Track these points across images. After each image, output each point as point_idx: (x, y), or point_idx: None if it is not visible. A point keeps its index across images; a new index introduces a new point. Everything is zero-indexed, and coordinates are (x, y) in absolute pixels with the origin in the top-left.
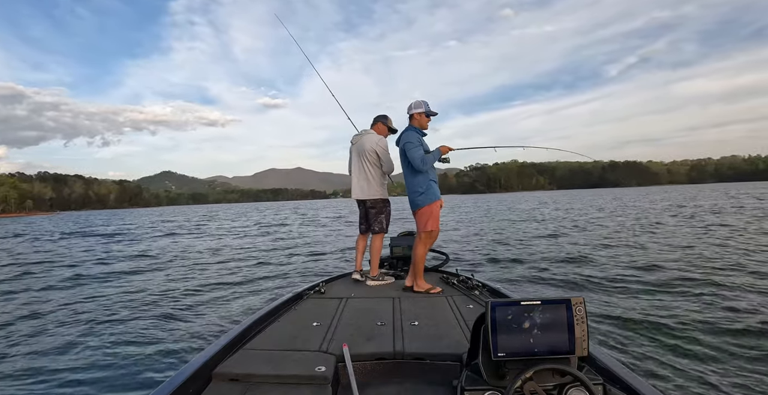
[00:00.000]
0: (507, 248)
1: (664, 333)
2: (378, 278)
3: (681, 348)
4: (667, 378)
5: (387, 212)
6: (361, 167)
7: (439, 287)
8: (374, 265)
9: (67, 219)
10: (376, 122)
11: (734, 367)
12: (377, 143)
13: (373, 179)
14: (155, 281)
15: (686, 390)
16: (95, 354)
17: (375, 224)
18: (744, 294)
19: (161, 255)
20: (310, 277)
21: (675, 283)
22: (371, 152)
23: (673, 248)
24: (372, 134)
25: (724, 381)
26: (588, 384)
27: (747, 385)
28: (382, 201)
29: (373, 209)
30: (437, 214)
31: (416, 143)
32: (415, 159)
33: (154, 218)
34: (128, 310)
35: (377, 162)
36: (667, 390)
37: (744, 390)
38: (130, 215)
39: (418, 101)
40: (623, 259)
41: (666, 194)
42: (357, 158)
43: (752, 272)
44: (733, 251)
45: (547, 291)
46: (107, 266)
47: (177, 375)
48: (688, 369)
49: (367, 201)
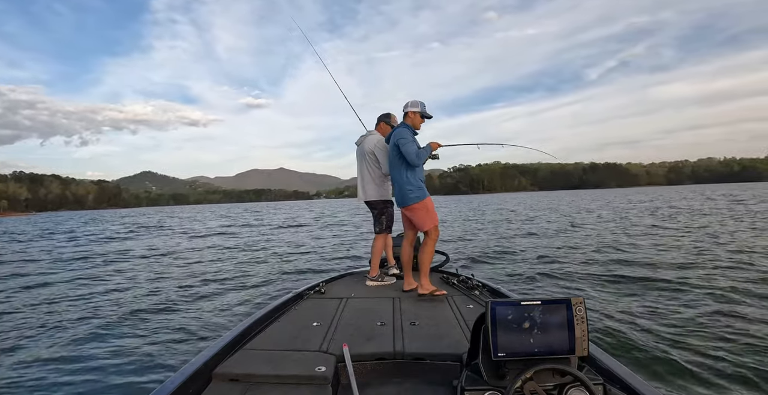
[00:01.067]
0: (506, 249)
1: (665, 333)
2: (377, 279)
3: (681, 348)
4: (668, 378)
5: (389, 213)
6: (364, 168)
7: (443, 290)
8: (374, 265)
9: (46, 220)
10: (379, 122)
11: (735, 367)
12: (375, 145)
13: (374, 181)
14: (154, 281)
15: (686, 390)
16: (95, 354)
17: (375, 224)
18: (744, 294)
19: (158, 256)
20: (310, 277)
21: (675, 283)
22: (370, 154)
23: (672, 248)
24: (374, 134)
25: (725, 381)
26: (588, 384)
27: (747, 385)
28: (382, 202)
29: (374, 210)
30: (433, 208)
31: (410, 139)
32: (410, 154)
33: (143, 219)
34: (128, 310)
35: (377, 163)
36: (667, 390)
37: (744, 390)
38: (112, 217)
39: (414, 101)
40: (623, 259)
41: (645, 195)
42: (360, 159)
43: (754, 273)
44: (733, 251)
45: (547, 291)
46: (107, 267)
47: (177, 375)
48: (688, 369)
49: (369, 203)
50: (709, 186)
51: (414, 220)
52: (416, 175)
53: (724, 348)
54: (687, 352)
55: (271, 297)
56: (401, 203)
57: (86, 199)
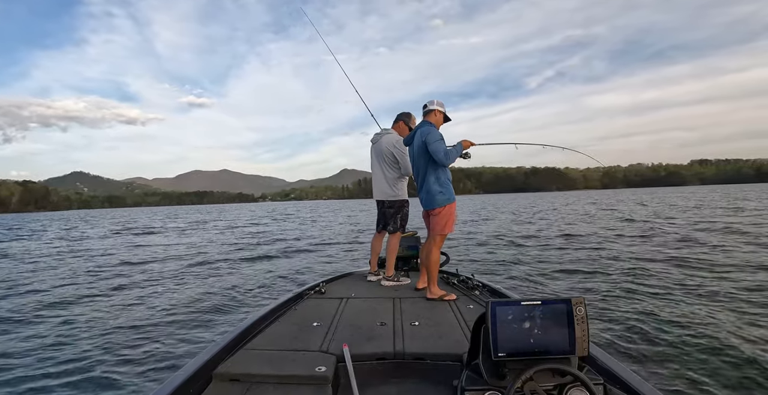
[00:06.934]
0: (506, 249)
1: (665, 333)
2: (393, 279)
3: (682, 348)
4: (668, 378)
5: (404, 213)
6: (380, 168)
7: (453, 294)
8: (389, 265)
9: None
10: (398, 120)
11: (735, 367)
12: (394, 145)
13: (391, 181)
14: (153, 282)
15: (686, 391)
16: (95, 354)
17: (390, 223)
18: (744, 294)
19: (155, 257)
20: (310, 277)
21: (675, 283)
22: (388, 154)
23: (671, 249)
24: (392, 134)
25: (725, 381)
26: (588, 384)
27: (748, 385)
28: (400, 202)
29: (390, 209)
30: (455, 216)
31: (438, 137)
32: (438, 152)
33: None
34: (128, 311)
35: (394, 164)
36: (667, 390)
37: (744, 390)
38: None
39: (439, 101)
40: (623, 259)
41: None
42: (376, 158)
43: (756, 273)
44: (734, 252)
45: (548, 291)
46: (106, 268)
47: (177, 375)
48: (688, 370)
49: (385, 202)
50: (642, 190)
51: (433, 222)
52: (445, 175)
53: (726, 347)
54: (688, 352)
55: (271, 297)
56: (427, 205)
57: (9, 201)
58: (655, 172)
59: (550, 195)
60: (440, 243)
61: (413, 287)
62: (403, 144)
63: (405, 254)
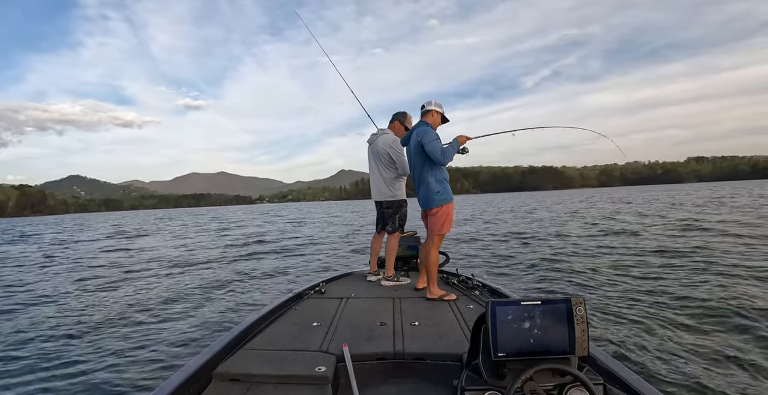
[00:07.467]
0: (506, 249)
1: (665, 333)
2: (392, 279)
3: (682, 347)
4: (668, 378)
5: (402, 213)
6: (377, 168)
7: (453, 294)
8: (389, 265)
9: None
10: (393, 120)
11: (735, 367)
12: (390, 145)
13: (389, 181)
14: (152, 282)
15: (687, 391)
16: (96, 354)
17: (389, 223)
18: (746, 294)
19: (154, 258)
20: (310, 277)
21: (675, 283)
22: (384, 154)
23: (670, 249)
24: (388, 134)
25: (725, 381)
26: (588, 384)
27: (748, 385)
28: (398, 202)
29: (389, 210)
30: (452, 215)
31: (434, 137)
32: (435, 152)
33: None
34: (127, 311)
35: (391, 164)
36: (667, 390)
37: (745, 390)
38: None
39: (437, 101)
40: (623, 259)
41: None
42: (373, 159)
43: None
44: (734, 253)
45: (548, 291)
46: (105, 269)
47: (177, 375)
48: (688, 369)
49: (383, 202)
50: (641, 187)
51: (429, 221)
52: (442, 174)
53: (726, 347)
54: (688, 352)
55: (271, 297)
56: (425, 205)
57: (6, 205)
58: (651, 170)
59: (546, 194)
60: (438, 243)
61: (413, 287)
62: (399, 144)
63: (405, 254)
